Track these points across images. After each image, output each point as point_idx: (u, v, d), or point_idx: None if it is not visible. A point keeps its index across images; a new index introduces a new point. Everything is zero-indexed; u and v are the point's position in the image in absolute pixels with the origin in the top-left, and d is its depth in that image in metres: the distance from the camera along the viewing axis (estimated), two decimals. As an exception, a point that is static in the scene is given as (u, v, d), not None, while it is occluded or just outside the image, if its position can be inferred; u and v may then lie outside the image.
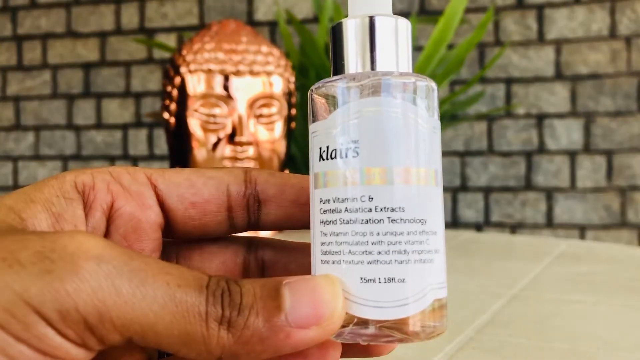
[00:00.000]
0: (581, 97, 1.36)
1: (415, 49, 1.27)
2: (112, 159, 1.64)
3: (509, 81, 1.40)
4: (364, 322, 0.19)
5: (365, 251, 0.19)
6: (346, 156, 0.20)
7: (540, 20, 1.38)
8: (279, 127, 0.79)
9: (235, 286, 0.18)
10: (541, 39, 1.38)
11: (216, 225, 0.23)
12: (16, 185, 1.71)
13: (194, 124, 0.76)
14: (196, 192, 0.23)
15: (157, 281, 0.17)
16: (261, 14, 1.55)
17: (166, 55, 1.56)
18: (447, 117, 1.26)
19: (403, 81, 0.20)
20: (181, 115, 0.77)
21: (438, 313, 0.20)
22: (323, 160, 0.20)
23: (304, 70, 1.04)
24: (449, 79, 1.07)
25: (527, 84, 1.39)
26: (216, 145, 0.76)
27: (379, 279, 0.19)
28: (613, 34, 1.35)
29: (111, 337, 0.17)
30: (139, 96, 1.62)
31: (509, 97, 1.40)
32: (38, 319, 0.16)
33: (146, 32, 1.62)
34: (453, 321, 0.39)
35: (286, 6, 1.50)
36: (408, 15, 1.37)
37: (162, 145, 1.61)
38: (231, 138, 0.76)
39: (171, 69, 0.79)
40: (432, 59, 0.98)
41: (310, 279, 0.19)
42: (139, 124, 1.62)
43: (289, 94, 0.81)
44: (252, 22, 1.55)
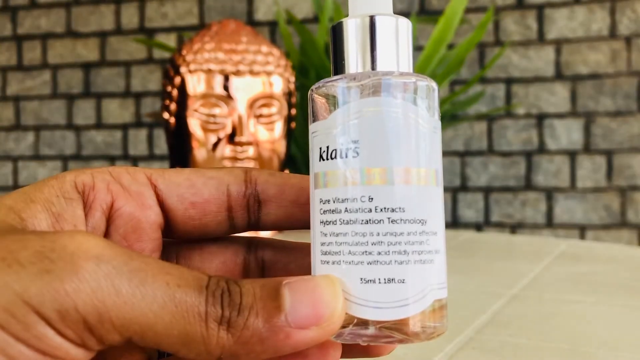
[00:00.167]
0: (581, 97, 1.36)
1: (415, 48, 1.27)
2: (112, 159, 1.64)
3: (509, 81, 1.40)
4: (364, 323, 0.19)
5: (365, 251, 0.19)
6: (346, 156, 0.20)
7: (540, 20, 1.38)
8: (279, 127, 0.79)
9: (235, 286, 0.18)
10: (541, 39, 1.38)
11: (216, 225, 0.23)
12: (16, 185, 1.71)
13: (194, 124, 0.76)
14: (196, 192, 0.23)
15: (157, 281, 0.17)
16: (261, 14, 1.55)
17: (166, 55, 1.56)
18: (447, 117, 1.26)
19: (403, 81, 0.20)
20: (181, 115, 0.77)
21: (438, 313, 0.20)
22: (323, 160, 0.20)
23: (304, 70, 1.04)
24: (449, 79, 1.07)
25: (527, 84, 1.39)
26: (216, 145, 0.76)
27: (379, 279, 0.19)
28: (613, 34, 1.35)
29: (111, 337, 0.17)
30: (139, 96, 1.62)
31: (509, 97, 1.40)
32: (37, 319, 0.16)
33: (146, 32, 1.62)
34: (453, 321, 0.39)
35: (286, 6, 1.50)
36: (408, 15, 1.37)
37: (162, 145, 1.61)
38: (231, 138, 0.76)
39: (171, 69, 0.79)
40: (432, 58, 0.98)
41: (310, 279, 0.19)
42: (139, 124, 1.62)
43: (289, 94, 0.80)
44: (252, 22, 1.55)
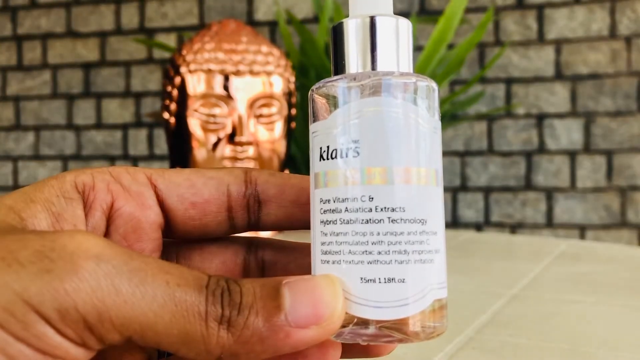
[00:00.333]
0: (581, 97, 1.36)
1: (415, 49, 1.27)
2: (112, 159, 1.64)
3: (509, 81, 1.40)
4: (364, 322, 0.19)
5: (366, 251, 0.19)
6: (347, 156, 0.20)
7: (540, 20, 1.38)
8: (279, 127, 0.79)
9: (235, 286, 0.18)
10: (541, 39, 1.38)
11: (216, 226, 0.23)
12: (16, 185, 1.71)
13: (194, 124, 0.76)
14: (196, 192, 0.23)
15: (157, 280, 0.17)
16: (261, 14, 1.55)
17: (166, 55, 1.56)
18: (447, 117, 1.26)
19: (404, 81, 0.20)
20: (181, 115, 0.77)
21: (438, 313, 0.20)
22: (323, 160, 0.20)
23: (304, 70, 1.04)
24: (449, 79, 1.07)
25: (527, 83, 1.39)
26: (216, 145, 0.76)
27: (379, 279, 0.19)
28: (613, 34, 1.35)
29: (110, 337, 0.17)
30: (139, 96, 1.62)
31: (509, 97, 1.40)
32: (37, 318, 0.16)
33: (146, 32, 1.62)
34: (453, 321, 0.39)
35: (286, 6, 1.50)
36: (408, 15, 1.37)
37: (162, 145, 1.61)
38: (231, 138, 0.75)
39: (171, 68, 0.79)
40: (432, 59, 0.98)
41: (310, 278, 0.19)
42: (139, 124, 1.62)
43: (289, 94, 0.80)
44: (252, 22, 1.55)
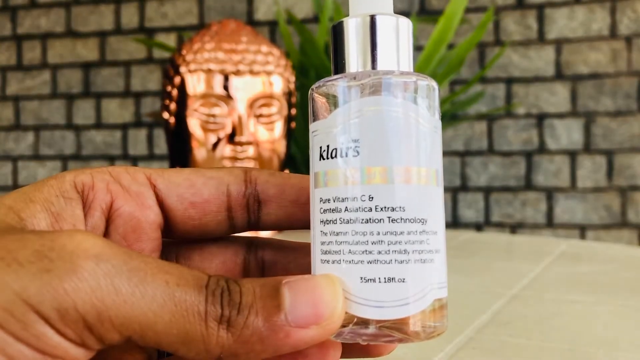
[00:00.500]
0: (581, 97, 1.36)
1: (415, 48, 1.27)
2: (111, 158, 1.64)
3: (509, 81, 1.40)
4: (364, 322, 0.19)
5: (366, 251, 0.19)
6: (346, 155, 0.20)
7: (541, 20, 1.38)
8: (278, 127, 0.79)
9: (235, 285, 0.18)
10: (541, 38, 1.38)
11: (216, 225, 0.23)
12: (16, 185, 1.71)
13: (193, 124, 0.76)
14: (196, 192, 0.23)
15: (156, 280, 0.17)
16: (261, 14, 1.55)
17: (166, 55, 1.56)
18: (447, 116, 1.26)
19: (404, 80, 0.20)
20: (181, 115, 0.77)
21: (438, 313, 0.20)
22: (323, 159, 0.20)
23: (304, 70, 1.04)
24: (449, 78, 1.07)
25: (528, 83, 1.39)
26: (216, 145, 0.76)
27: (379, 278, 0.19)
28: (613, 34, 1.35)
29: (110, 337, 0.17)
30: (138, 96, 1.62)
31: (509, 96, 1.40)
32: (37, 318, 0.16)
33: (146, 32, 1.62)
34: (453, 321, 0.39)
35: (286, 6, 1.50)
36: (408, 14, 1.37)
37: (161, 145, 1.61)
38: (231, 138, 0.75)
39: (171, 68, 0.79)
40: (432, 58, 0.98)
41: (310, 278, 0.19)
42: (138, 123, 1.62)
43: (289, 94, 0.80)
44: (252, 22, 1.55)
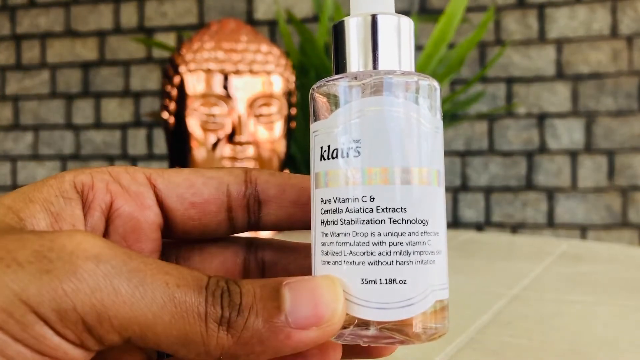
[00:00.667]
0: (582, 97, 1.36)
1: (415, 48, 1.27)
2: (111, 158, 1.64)
3: (510, 80, 1.39)
4: (364, 324, 0.19)
5: (367, 252, 0.19)
6: (347, 156, 0.20)
7: (541, 19, 1.38)
8: (278, 127, 0.79)
9: (235, 286, 0.18)
10: (542, 38, 1.38)
11: (216, 226, 0.23)
12: (15, 185, 1.71)
13: (193, 124, 0.76)
14: (196, 192, 0.23)
15: (156, 281, 0.17)
16: (261, 13, 1.55)
17: (165, 54, 1.56)
18: (447, 116, 1.26)
19: (405, 80, 0.20)
20: (180, 115, 0.77)
21: (439, 314, 0.20)
22: (324, 159, 0.20)
23: (304, 70, 1.04)
24: (449, 78, 1.07)
25: (528, 83, 1.38)
26: (216, 145, 0.76)
27: (380, 279, 0.19)
28: (614, 34, 1.35)
29: (110, 338, 0.17)
30: (138, 96, 1.62)
31: (509, 96, 1.40)
32: (36, 319, 0.16)
33: (145, 32, 1.61)
34: (454, 321, 0.39)
35: (286, 5, 1.50)
36: (409, 14, 1.37)
37: (161, 145, 1.60)
38: (231, 138, 0.75)
39: (170, 68, 0.79)
40: (433, 58, 0.98)
41: (311, 279, 0.19)
42: (138, 123, 1.62)
43: (288, 94, 0.80)
44: (252, 22, 1.55)
